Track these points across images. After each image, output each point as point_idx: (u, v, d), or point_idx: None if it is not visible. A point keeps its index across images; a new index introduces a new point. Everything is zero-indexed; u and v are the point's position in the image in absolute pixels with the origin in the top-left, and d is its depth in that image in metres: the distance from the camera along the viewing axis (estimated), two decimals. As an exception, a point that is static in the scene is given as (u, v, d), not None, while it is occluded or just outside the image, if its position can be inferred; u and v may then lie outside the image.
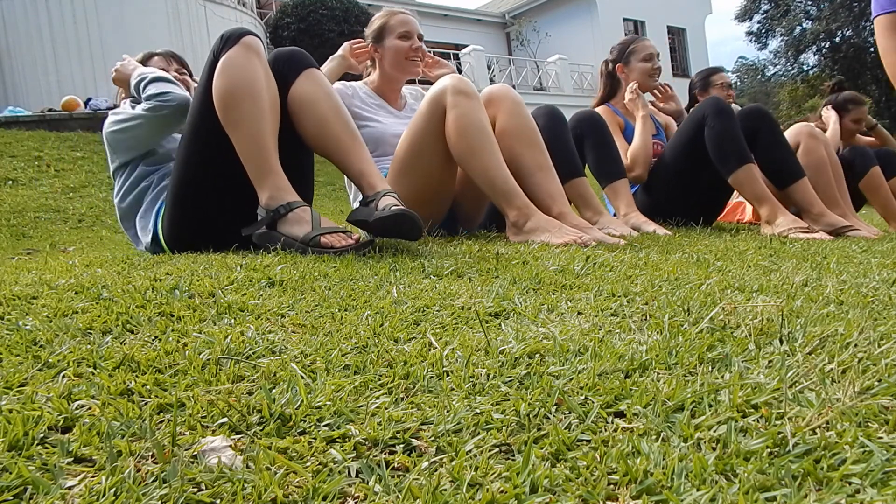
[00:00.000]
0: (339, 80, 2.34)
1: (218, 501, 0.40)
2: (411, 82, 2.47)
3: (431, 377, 0.61)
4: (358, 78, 2.46)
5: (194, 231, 1.67)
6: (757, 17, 25.51)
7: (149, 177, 1.83)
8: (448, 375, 0.62)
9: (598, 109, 2.86)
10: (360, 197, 1.64)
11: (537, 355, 0.67)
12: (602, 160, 2.60)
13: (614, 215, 2.53)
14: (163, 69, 2.00)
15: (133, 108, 1.79)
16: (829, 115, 3.44)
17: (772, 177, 2.57)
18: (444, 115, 1.86)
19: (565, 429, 0.49)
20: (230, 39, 1.56)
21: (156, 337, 0.76)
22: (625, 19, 18.84)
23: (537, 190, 1.99)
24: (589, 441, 0.47)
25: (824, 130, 3.33)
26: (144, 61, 2.05)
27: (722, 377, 0.58)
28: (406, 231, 1.47)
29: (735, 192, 2.74)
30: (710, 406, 0.51)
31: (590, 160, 2.65)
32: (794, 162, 2.58)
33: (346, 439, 0.49)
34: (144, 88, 1.78)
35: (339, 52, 2.34)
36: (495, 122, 2.05)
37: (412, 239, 1.52)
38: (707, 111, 2.53)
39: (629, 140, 2.81)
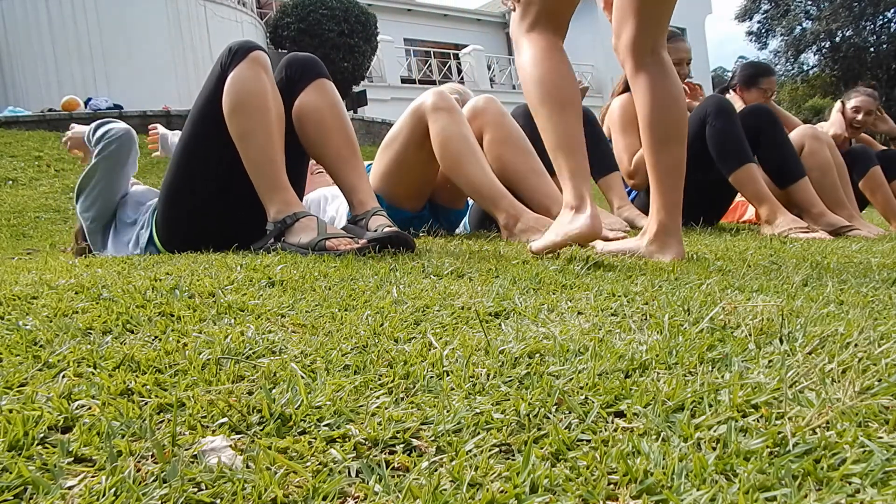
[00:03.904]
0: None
1: (218, 501, 0.40)
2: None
3: (431, 377, 0.61)
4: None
5: (190, 233, 1.67)
6: (757, 17, 25.53)
7: (136, 215, 1.88)
8: (448, 375, 0.62)
9: (623, 98, 2.84)
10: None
11: (537, 355, 0.67)
12: (594, 155, 2.63)
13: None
14: None
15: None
16: (835, 110, 3.49)
17: (773, 176, 2.57)
18: (425, 127, 1.94)
19: (565, 429, 0.49)
20: (238, 54, 1.57)
21: (156, 337, 0.76)
22: (625, 19, 18.77)
23: (534, 193, 2.03)
24: (589, 441, 0.47)
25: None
26: None
27: (722, 377, 0.58)
28: (398, 248, 1.49)
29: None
30: (710, 406, 0.51)
31: (592, 158, 2.67)
32: (796, 161, 2.58)
33: (346, 439, 0.49)
34: (92, 136, 1.84)
35: None
36: (483, 134, 2.12)
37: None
38: (709, 110, 2.54)
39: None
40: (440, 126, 1.90)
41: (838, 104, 3.47)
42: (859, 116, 3.41)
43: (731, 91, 3.25)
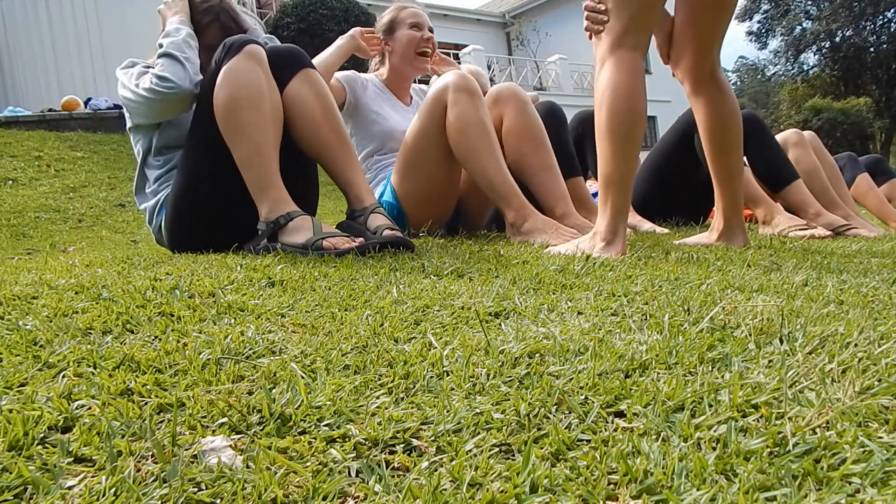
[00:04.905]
0: (344, 69, 2.30)
1: (218, 501, 0.40)
2: (423, 81, 2.45)
3: (431, 377, 0.61)
4: (362, 68, 2.42)
5: (193, 237, 1.66)
6: (757, 17, 25.53)
7: (163, 167, 1.75)
8: (448, 375, 0.62)
9: None
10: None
11: (537, 355, 0.67)
12: (591, 157, 2.65)
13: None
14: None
15: (138, 82, 1.66)
16: None
17: (766, 181, 2.57)
18: (444, 110, 1.85)
19: (565, 429, 0.49)
20: (232, 48, 1.52)
21: (156, 337, 0.76)
22: (625, 19, 18.78)
23: (542, 190, 2.00)
24: (589, 441, 0.47)
25: None
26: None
27: (722, 377, 0.58)
28: (398, 248, 1.48)
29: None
30: (710, 406, 0.51)
31: (590, 160, 2.67)
32: (787, 164, 2.58)
33: (346, 439, 0.49)
34: (157, 57, 1.67)
35: (349, 33, 2.27)
36: (502, 121, 2.05)
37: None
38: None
39: None
40: (460, 109, 1.82)
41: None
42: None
43: None
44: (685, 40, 1.61)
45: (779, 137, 2.89)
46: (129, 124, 1.80)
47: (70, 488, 0.42)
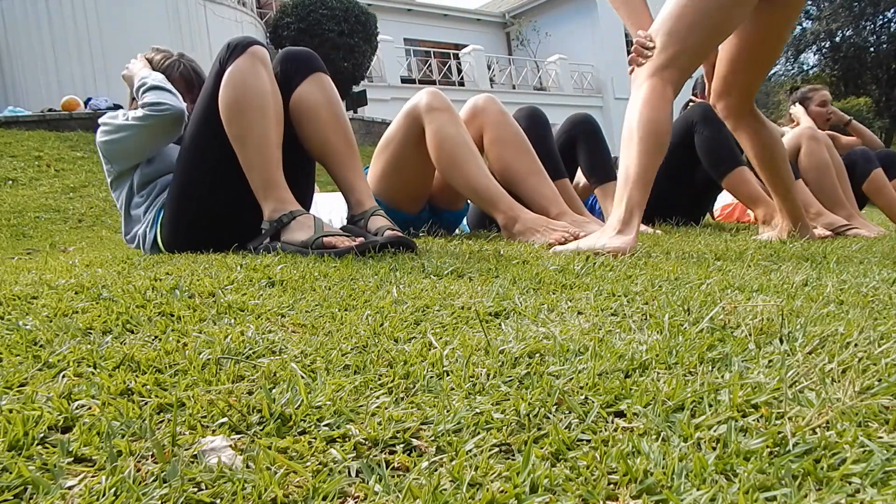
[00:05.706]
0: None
1: (218, 501, 0.40)
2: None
3: (431, 377, 0.61)
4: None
5: (194, 238, 1.66)
6: (757, 17, 25.45)
7: (147, 198, 1.78)
8: (448, 375, 0.62)
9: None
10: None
11: (537, 355, 0.67)
12: (594, 162, 2.64)
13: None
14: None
15: (126, 116, 1.71)
16: (797, 111, 3.41)
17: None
18: (420, 127, 1.93)
19: (565, 428, 0.49)
20: (237, 48, 1.54)
21: (156, 337, 0.76)
22: (625, 19, 18.78)
23: (532, 194, 2.02)
24: (589, 441, 0.47)
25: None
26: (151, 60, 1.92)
27: (722, 377, 0.58)
28: (398, 248, 1.49)
29: (725, 193, 2.76)
30: (710, 406, 0.51)
31: (582, 162, 2.67)
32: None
33: (346, 439, 0.49)
34: (142, 95, 1.71)
35: None
36: (483, 133, 2.10)
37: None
38: (695, 118, 2.55)
39: None
40: (436, 127, 1.88)
41: (799, 107, 3.40)
42: (826, 109, 3.39)
43: (694, 98, 3.31)
44: (732, 86, 1.85)
45: (794, 132, 2.89)
46: (109, 179, 1.81)
47: (70, 488, 0.42)
